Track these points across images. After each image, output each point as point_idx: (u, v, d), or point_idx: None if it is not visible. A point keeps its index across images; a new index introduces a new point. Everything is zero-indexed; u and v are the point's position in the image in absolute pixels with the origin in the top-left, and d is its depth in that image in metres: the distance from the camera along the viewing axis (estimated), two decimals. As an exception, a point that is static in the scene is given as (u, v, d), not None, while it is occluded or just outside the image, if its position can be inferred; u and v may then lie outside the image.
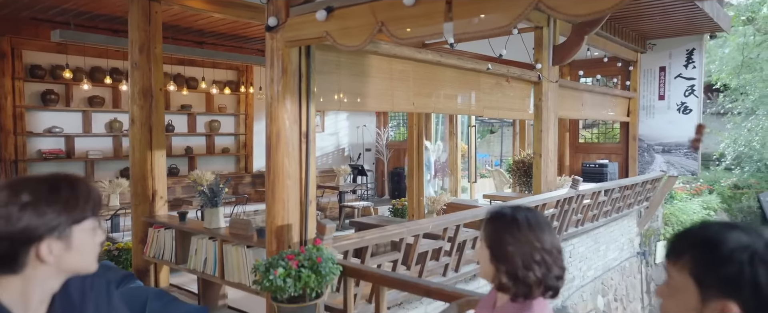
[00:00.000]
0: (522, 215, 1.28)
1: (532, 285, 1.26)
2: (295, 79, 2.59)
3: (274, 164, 2.58)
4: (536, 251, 1.24)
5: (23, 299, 1.00)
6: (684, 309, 0.89)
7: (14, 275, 0.99)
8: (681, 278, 0.88)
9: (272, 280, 2.07)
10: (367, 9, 2.11)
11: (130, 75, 3.67)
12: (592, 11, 1.56)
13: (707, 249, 0.86)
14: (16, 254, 0.98)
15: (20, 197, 0.98)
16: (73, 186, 1.04)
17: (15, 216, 0.96)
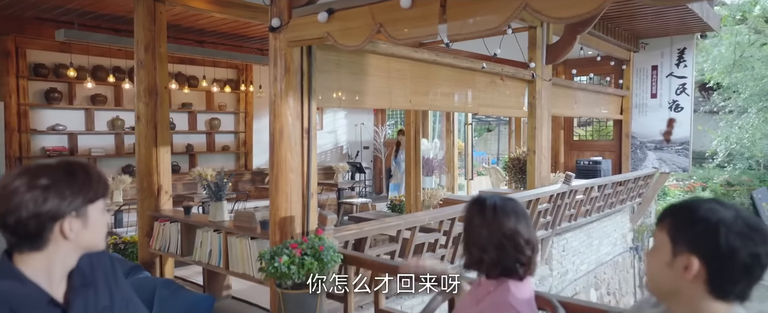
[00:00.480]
0: (491, 202, 1.41)
1: (489, 265, 1.39)
2: (297, 77, 2.71)
3: (277, 159, 2.70)
4: (494, 234, 1.36)
5: (47, 274, 1.12)
6: (660, 262, 1.05)
7: (39, 252, 1.11)
8: (660, 237, 1.05)
9: (277, 267, 2.19)
10: (366, 11, 2.23)
11: (136, 74, 3.78)
12: (574, 14, 1.69)
13: (683, 214, 1.03)
14: (42, 232, 1.10)
15: (40, 180, 1.10)
16: (85, 170, 1.16)
17: (40, 198, 1.08)
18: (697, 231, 1.00)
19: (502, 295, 1.38)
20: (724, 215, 1.00)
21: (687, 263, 1.00)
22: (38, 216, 1.08)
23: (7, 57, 5.78)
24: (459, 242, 3.68)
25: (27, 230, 1.08)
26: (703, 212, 1.00)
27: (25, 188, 1.08)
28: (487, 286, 1.45)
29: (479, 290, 1.49)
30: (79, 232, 1.13)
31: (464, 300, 1.56)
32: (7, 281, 1.09)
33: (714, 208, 1.01)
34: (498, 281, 1.42)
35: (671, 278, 1.03)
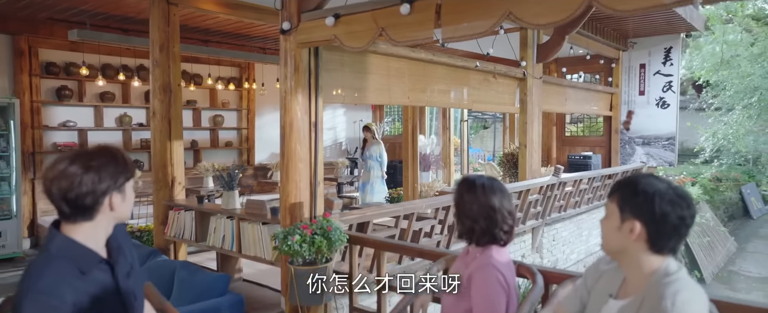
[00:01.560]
0: (479, 182, 1.70)
1: (479, 234, 1.67)
2: (305, 75, 2.97)
3: (287, 150, 2.97)
4: (484, 208, 1.65)
5: (95, 239, 1.40)
6: (611, 228, 1.31)
7: (89, 221, 1.38)
8: (611, 207, 1.31)
9: (290, 245, 2.45)
10: (369, 16, 2.50)
11: (152, 72, 4.03)
12: (551, 21, 1.95)
13: (628, 188, 1.30)
14: (95, 205, 1.37)
15: (93, 163, 1.37)
16: (121, 154, 1.46)
17: (96, 178, 1.36)
18: (639, 201, 1.26)
19: (486, 258, 1.65)
20: (659, 187, 1.27)
21: (632, 227, 1.26)
22: (94, 192, 1.35)
23: (21, 56, 6.01)
24: (453, 230, 3.96)
25: (83, 203, 1.36)
26: (643, 186, 1.27)
27: (82, 170, 1.35)
28: (475, 252, 1.72)
29: (467, 258, 1.76)
30: (119, 205, 1.41)
31: (455, 267, 1.83)
32: (68, 245, 1.36)
33: (651, 182, 1.29)
34: (484, 248, 1.69)
35: (620, 239, 1.29)
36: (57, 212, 1.40)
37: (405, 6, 2.30)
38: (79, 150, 1.43)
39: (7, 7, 5.28)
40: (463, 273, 1.73)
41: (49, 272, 1.32)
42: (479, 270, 1.64)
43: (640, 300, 1.29)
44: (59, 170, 1.34)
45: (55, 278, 1.31)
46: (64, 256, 1.36)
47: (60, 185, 1.33)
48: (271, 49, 7.79)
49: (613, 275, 1.40)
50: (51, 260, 1.35)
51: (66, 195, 1.34)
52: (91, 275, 1.39)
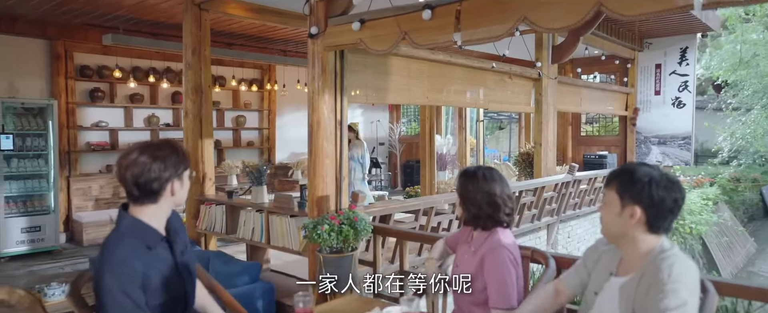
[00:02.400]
0: (480, 172, 1.88)
1: (485, 219, 1.84)
2: (331, 77, 3.17)
3: (315, 146, 3.16)
4: (487, 195, 1.82)
5: (157, 220, 1.63)
6: (611, 214, 1.45)
7: (154, 204, 1.61)
8: (610, 195, 1.46)
9: (320, 234, 2.65)
10: (393, 21, 2.68)
11: (185, 74, 4.27)
12: (563, 25, 2.11)
13: (625, 176, 1.45)
14: (160, 190, 1.59)
15: (159, 153, 1.59)
16: (181, 147, 1.69)
17: (162, 166, 1.58)
18: (637, 188, 1.41)
19: (495, 241, 1.83)
20: (653, 174, 1.44)
21: (632, 212, 1.41)
22: (159, 179, 1.58)
23: (58, 60, 6.34)
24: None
25: (151, 188, 1.58)
26: (640, 174, 1.42)
27: (151, 159, 1.57)
28: (481, 236, 1.89)
29: (474, 242, 1.92)
30: (178, 190, 1.64)
31: (461, 254, 1.98)
32: (136, 224, 1.58)
33: (646, 170, 1.46)
34: (490, 232, 1.86)
35: (621, 224, 1.43)
36: (127, 195, 1.62)
37: (427, 11, 2.48)
38: (146, 142, 1.65)
39: (47, 13, 5.60)
40: (471, 257, 1.89)
41: (122, 246, 1.54)
42: (491, 252, 1.81)
43: (639, 276, 1.44)
44: (132, 159, 1.57)
45: (127, 251, 1.53)
46: (133, 233, 1.58)
47: (133, 172, 1.55)
48: (291, 51, 8.03)
49: (611, 255, 1.56)
50: (123, 237, 1.57)
51: (137, 180, 1.56)
52: (155, 250, 1.61)
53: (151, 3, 5.21)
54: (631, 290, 1.44)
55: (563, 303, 1.72)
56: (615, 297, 1.49)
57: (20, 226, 5.59)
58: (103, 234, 6.30)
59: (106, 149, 6.90)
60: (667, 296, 1.29)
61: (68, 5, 5.24)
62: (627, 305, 1.44)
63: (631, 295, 1.44)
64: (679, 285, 1.31)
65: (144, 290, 1.52)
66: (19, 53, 6.12)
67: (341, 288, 2.65)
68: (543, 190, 4.85)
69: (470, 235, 1.98)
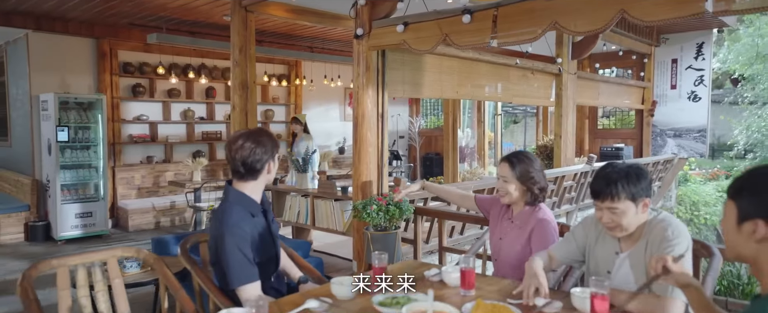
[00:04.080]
0: (528, 154, 2.21)
1: (539, 194, 2.17)
2: (374, 74, 3.50)
3: (359, 136, 3.51)
4: (539, 174, 2.16)
5: (256, 193, 1.99)
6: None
7: (254, 181, 1.97)
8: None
9: (369, 213, 3.00)
10: (434, 24, 3.00)
11: (232, 71, 4.64)
12: (591, 29, 2.42)
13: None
14: (261, 169, 1.95)
15: (261, 139, 1.95)
16: (272, 134, 2.04)
17: (263, 149, 1.94)
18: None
19: (543, 212, 2.18)
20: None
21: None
22: (261, 160, 1.94)
23: (104, 57, 6.78)
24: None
25: (255, 167, 1.94)
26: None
27: (254, 144, 1.94)
28: (527, 212, 2.22)
29: (517, 218, 2.24)
30: (272, 169, 2.00)
31: (502, 228, 2.29)
32: (241, 196, 1.95)
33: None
34: (534, 207, 2.20)
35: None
36: (232, 173, 1.99)
37: (466, 16, 2.80)
38: (248, 131, 2.01)
39: (97, 15, 6.02)
40: (518, 231, 2.22)
41: (233, 213, 1.91)
42: (540, 224, 2.15)
43: (644, 242, 1.75)
44: (240, 144, 1.93)
45: (238, 217, 1.90)
46: (239, 203, 1.95)
47: (241, 154, 1.92)
48: (318, 48, 8.38)
49: (610, 238, 1.83)
50: (233, 206, 1.93)
51: (245, 161, 1.92)
52: (256, 218, 1.98)
53: (195, 5, 5.59)
54: (640, 255, 1.75)
55: (555, 267, 2.01)
56: (626, 267, 1.80)
57: (74, 212, 6.05)
58: (146, 221, 6.78)
59: (147, 141, 7.34)
60: (674, 248, 1.62)
61: (118, 7, 5.64)
62: (639, 268, 1.76)
63: (641, 258, 1.75)
64: (681, 238, 1.66)
65: (251, 249, 1.89)
66: (70, 52, 6.57)
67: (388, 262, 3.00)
68: (563, 179, 5.15)
69: (508, 211, 2.30)
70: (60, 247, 5.83)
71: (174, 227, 6.94)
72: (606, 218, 1.73)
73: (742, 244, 1.12)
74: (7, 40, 6.86)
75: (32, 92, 6.34)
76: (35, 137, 6.42)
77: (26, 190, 6.33)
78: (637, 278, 1.77)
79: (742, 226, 1.10)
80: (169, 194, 7.34)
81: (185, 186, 6.30)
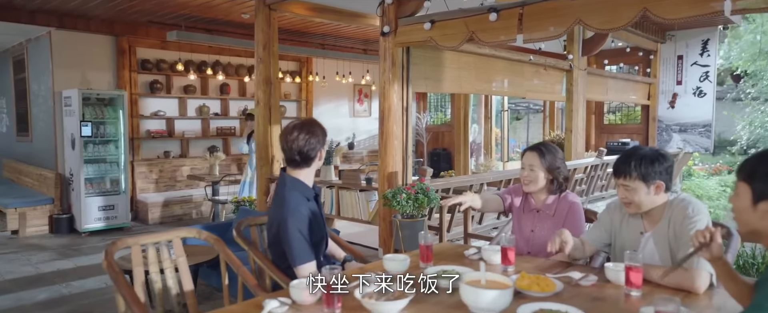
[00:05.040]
0: (556, 147, 2.38)
1: (563, 183, 2.35)
2: (399, 69, 3.67)
3: (385, 129, 3.68)
4: (562, 163, 2.34)
5: (309, 180, 2.16)
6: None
7: (307, 168, 2.14)
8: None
9: (399, 201, 3.16)
10: (461, 22, 3.16)
11: (256, 67, 4.80)
12: (613, 27, 2.58)
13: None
14: (313, 157, 2.12)
15: (313, 130, 2.12)
16: (321, 124, 2.18)
17: (316, 139, 2.10)
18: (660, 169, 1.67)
19: (572, 198, 2.35)
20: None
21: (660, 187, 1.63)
22: (315, 148, 2.11)
23: (123, 54, 6.93)
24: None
25: (309, 155, 2.11)
26: None
27: (309, 135, 2.10)
28: (559, 200, 2.39)
29: (547, 208, 2.41)
30: (322, 157, 2.17)
31: (530, 218, 2.45)
32: (297, 182, 2.11)
33: None
34: (561, 195, 2.37)
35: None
36: (288, 161, 2.15)
37: (493, 14, 2.96)
38: (300, 122, 2.18)
39: (119, 13, 6.17)
40: (551, 219, 2.38)
41: (292, 197, 2.08)
42: (573, 207, 2.34)
43: (666, 221, 1.91)
44: (295, 135, 2.10)
45: (297, 200, 2.07)
46: (296, 188, 2.12)
47: (298, 144, 2.08)
48: (329, 45, 8.53)
49: (633, 220, 2.01)
50: (291, 191, 2.10)
51: (301, 150, 2.09)
52: (310, 201, 2.15)
53: (215, 3, 5.74)
54: (663, 233, 1.92)
55: (588, 253, 2.16)
56: (651, 245, 1.97)
57: (97, 205, 6.22)
58: (165, 214, 6.95)
59: (164, 136, 7.50)
60: (696, 225, 1.79)
61: (140, 5, 5.79)
62: (663, 245, 1.93)
63: (665, 235, 1.92)
64: (701, 215, 1.84)
65: (309, 231, 2.06)
66: (91, 49, 6.72)
67: (414, 247, 3.18)
68: (574, 172, 5.31)
69: (527, 203, 2.45)
70: (84, 239, 6.00)
71: (191, 220, 7.10)
72: (621, 193, 1.93)
73: (757, 222, 1.19)
74: (29, 38, 7.01)
75: (55, 88, 6.50)
76: (58, 132, 6.58)
77: (50, 183, 6.49)
78: (661, 254, 1.93)
79: (758, 205, 1.18)
80: (186, 187, 7.50)
81: (204, 180, 6.47)
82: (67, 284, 4.29)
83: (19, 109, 7.73)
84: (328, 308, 1.53)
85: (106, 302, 3.85)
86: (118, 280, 1.78)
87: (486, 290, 1.50)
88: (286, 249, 2.03)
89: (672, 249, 1.90)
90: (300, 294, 1.59)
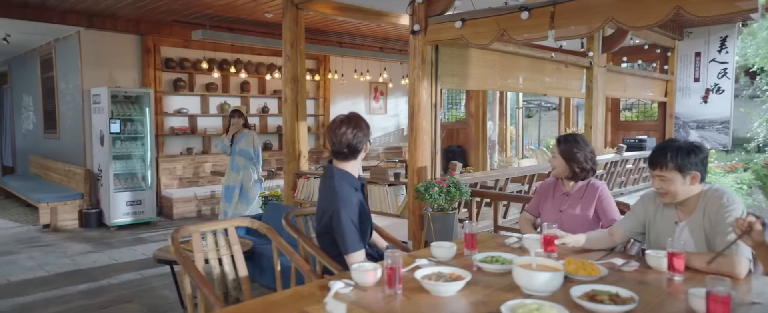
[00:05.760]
0: (578, 137, 2.50)
1: (588, 171, 2.46)
2: (429, 67, 3.76)
3: (415, 125, 3.78)
4: (584, 153, 2.45)
5: (356, 171, 2.27)
6: (679, 184, 1.80)
7: (354, 160, 2.25)
8: (672, 174, 1.78)
9: (431, 194, 3.27)
10: (492, 20, 3.25)
11: (284, 65, 4.92)
12: (646, 24, 2.65)
13: (682, 151, 1.85)
14: (360, 149, 2.23)
15: (360, 124, 2.23)
16: (364, 119, 2.28)
17: (363, 133, 2.21)
18: (693, 159, 1.85)
19: (598, 183, 2.47)
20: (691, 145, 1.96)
21: (693, 176, 1.82)
22: (361, 141, 2.22)
23: (148, 53, 7.09)
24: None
25: (357, 148, 2.22)
26: (690, 148, 1.86)
27: (356, 129, 2.21)
28: (582, 186, 2.50)
29: (575, 193, 2.51)
30: (367, 149, 2.28)
31: (564, 203, 2.57)
32: (345, 174, 2.23)
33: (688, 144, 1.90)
34: (587, 181, 2.48)
35: (686, 187, 1.79)
36: (336, 154, 2.27)
37: (525, 13, 3.05)
38: (346, 117, 2.29)
39: (145, 13, 6.32)
40: (580, 202, 2.49)
41: (342, 188, 2.19)
42: (602, 192, 2.45)
43: (701, 210, 2.00)
44: (343, 130, 2.22)
45: (347, 191, 2.19)
46: (345, 180, 2.23)
47: (346, 138, 2.20)
48: (347, 43, 8.64)
49: (667, 211, 2.09)
50: (340, 182, 2.22)
51: (350, 143, 2.20)
52: (357, 192, 2.26)
53: (240, 2, 5.87)
54: (699, 222, 2.01)
55: (617, 242, 2.25)
56: (686, 234, 2.05)
57: (125, 199, 6.39)
58: (189, 209, 7.11)
59: (187, 133, 7.66)
60: (731, 213, 1.88)
61: (167, 5, 5.93)
62: (698, 234, 2.01)
63: (700, 225, 2.00)
64: (736, 204, 1.92)
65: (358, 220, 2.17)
66: (117, 48, 6.89)
67: (446, 239, 3.28)
68: (595, 167, 5.38)
69: (556, 188, 2.58)
70: (113, 233, 6.17)
71: (214, 215, 7.26)
72: (657, 184, 2.02)
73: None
74: (57, 38, 7.19)
75: (83, 87, 6.67)
76: (86, 129, 6.75)
77: (79, 179, 6.67)
78: (696, 243, 2.02)
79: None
80: (208, 184, 7.66)
81: (228, 176, 6.61)
82: (104, 275, 4.45)
83: (46, 107, 7.93)
84: (390, 289, 1.64)
85: (145, 292, 4.00)
86: (187, 264, 1.90)
87: (539, 272, 1.60)
88: (338, 238, 2.14)
89: (708, 238, 1.98)
90: (362, 276, 1.70)
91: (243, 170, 5.27)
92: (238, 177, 5.27)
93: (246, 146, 5.26)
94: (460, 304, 1.55)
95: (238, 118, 5.29)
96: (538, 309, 1.38)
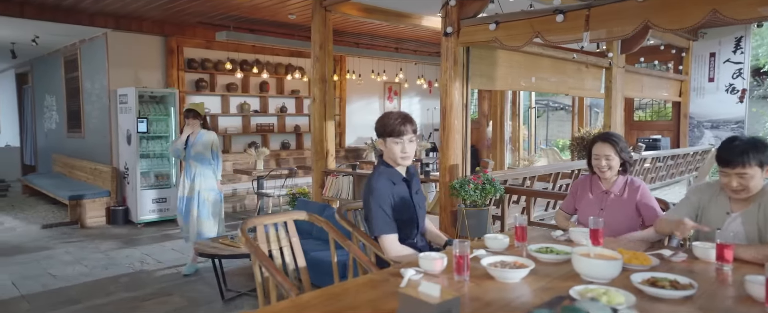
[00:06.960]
0: (618, 134, 2.62)
1: (628, 167, 2.57)
2: (460, 68, 3.87)
3: (447, 124, 3.89)
4: (628, 149, 2.56)
5: (392, 160, 2.35)
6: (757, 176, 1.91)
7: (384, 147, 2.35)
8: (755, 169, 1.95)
9: (467, 190, 3.38)
10: (526, 23, 3.36)
11: (313, 65, 5.04)
12: (681, 27, 2.76)
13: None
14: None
15: (409, 118, 2.34)
16: (411, 116, 2.40)
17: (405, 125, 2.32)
18: None
19: (638, 180, 2.58)
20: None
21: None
22: (420, 131, 2.32)
23: (171, 54, 7.22)
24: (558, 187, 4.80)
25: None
26: None
27: (393, 121, 2.31)
28: (622, 181, 2.60)
29: (614, 189, 2.62)
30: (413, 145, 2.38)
31: (604, 201, 2.66)
32: (386, 168, 2.34)
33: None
34: (625, 175, 2.58)
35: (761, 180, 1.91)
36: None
37: (559, 16, 3.15)
38: (387, 113, 2.40)
39: (170, 15, 6.46)
40: (621, 198, 2.59)
41: (378, 181, 2.32)
42: (643, 191, 2.55)
43: (757, 204, 2.10)
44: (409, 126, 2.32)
45: (380, 183, 2.32)
46: (383, 174, 2.35)
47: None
48: (364, 43, 8.76)
49: (720, 202, 2.19)
50: (379, 175, 2.35)
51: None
52: (396, 185, 2.37)
53: (266, 4, 5.99)
54: (753, 215, 2.09)
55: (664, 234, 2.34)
56: (738, 225, 2.12)
57: (151, 197, 6.52)
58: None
59: (208, 133, 7.79)
60: None
61: (194, 7, 6.06)
62: (751, 226, 2.09)
63: (754, 217, 2.09)
64: None
65: (390, 208, 2.28)
66: (142, 49, 7.03)
67: (480, 234, 3.39)
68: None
69: (592, 186, 2.67)
70: (141, 229, 6.31)
71: (236, 213, 7.39)
72: (735, 182, 2.01)
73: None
74: (83, 39, 7.34)
75: (110, 87, 6.81)
76: (113, 128, 6.89)
77: (105, 177, 6.82)
78: (748, 234, 2.11)
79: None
80: (229, 182, 7.78)
81: (251, 174, 6.75)
82: (141, 269, 4.58)
83: (70, 106, 8.08)
84: (458, 275, 1.75)
85: (182, 285, 4.13)
86: (258, 253, 2.02)
87: (599, 260, 1.71)
88: (367, 223, 2.27)
89: (761, 230, 2.08)
90: (430, 264, 1.81)
91: (199, 177, 4.44)
92: (194, 186, 4.44)
93: (203, 150, 4.42)
94: (526, 289, 1.66)
95: (194, 119, 4.44)
96: (605, 293, 1.49)
